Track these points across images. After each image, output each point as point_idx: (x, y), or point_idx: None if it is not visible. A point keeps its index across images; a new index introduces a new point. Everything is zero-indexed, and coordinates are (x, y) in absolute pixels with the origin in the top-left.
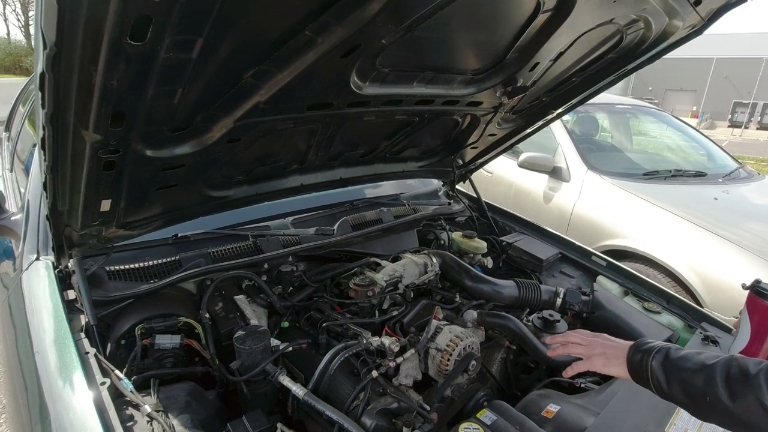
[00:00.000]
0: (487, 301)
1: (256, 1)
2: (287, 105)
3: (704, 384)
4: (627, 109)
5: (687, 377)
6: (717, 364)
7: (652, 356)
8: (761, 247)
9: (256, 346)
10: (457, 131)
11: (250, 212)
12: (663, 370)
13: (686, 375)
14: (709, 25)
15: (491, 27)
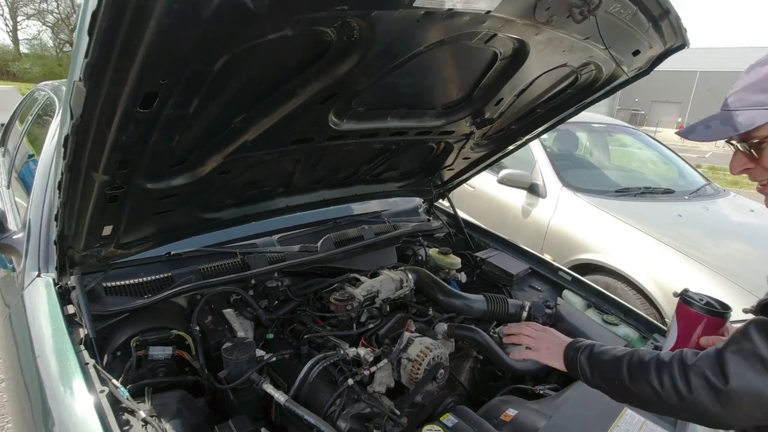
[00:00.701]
0: (458, 315)
1: (244, 66)
2: (272, 141)
3: (614, 371)
4: (604, 127)
5: (603, 367)
6: (624, 356)
7: (581, 352)
8: (715, 261)
9: (242, 357)
10: (432, 156)
11: (238, 230)
12: (588, 363)
13: (603, 365)
14: (653, 68)
15: (457, 71)
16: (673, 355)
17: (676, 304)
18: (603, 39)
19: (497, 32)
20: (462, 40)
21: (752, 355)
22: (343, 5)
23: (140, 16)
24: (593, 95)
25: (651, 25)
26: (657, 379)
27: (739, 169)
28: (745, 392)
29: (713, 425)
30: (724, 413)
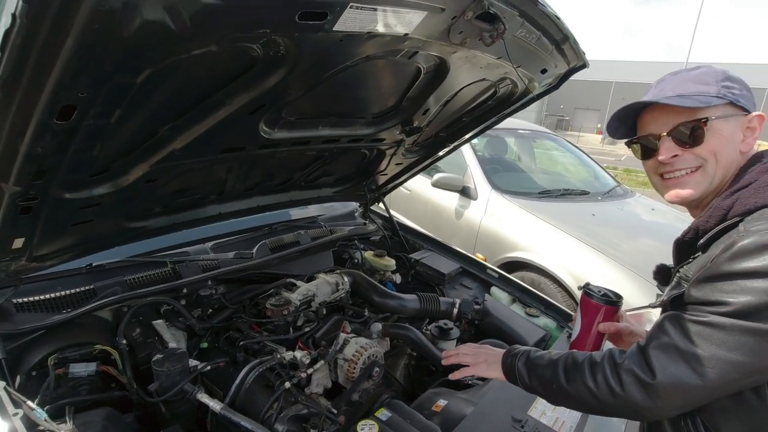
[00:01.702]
0: (393, 314)
1: (169, 78)
2: (202, 150)
3: (551, 375)
4: (529, 134)
5: (540, 371)
6: (559, 359)
7: (518, 359)
8: (623, 256)
9: (174, 368)
10: (366, 162)
11: (169, 239)
12: (525, 368)
13: (540, 370)
14: (560, 84)
15: (385, 83)
16: (604, 355)
17: (580, 297)
18: (512, 59)
19: (418, 50)
20: (386, 56)
21: (670, 348)
22: (265, 29)
23: (57, 34)
24: (512, 106)
25: (554, 47)
26: (592, 379)
27: (670, 154)
28: (669, 383)
29: (644, 418)
30: (654, 405)
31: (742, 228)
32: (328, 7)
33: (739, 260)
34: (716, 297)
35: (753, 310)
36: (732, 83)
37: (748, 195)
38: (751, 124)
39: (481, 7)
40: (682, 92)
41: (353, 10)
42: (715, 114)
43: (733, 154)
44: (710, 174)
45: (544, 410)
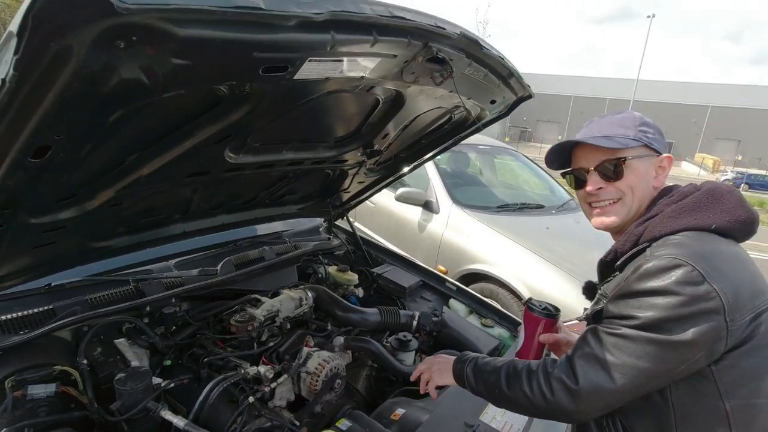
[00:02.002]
0: (355, 327)
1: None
2: (168, 176)
3: (494, 380)
4: (489, 149)
5: (486, 377)
6: (502, 366)
7: (467, 365)
8: (573, 267)
9: (137, 386)
10: (329, 180)
11: (133, 257)
12: (473, 373)
13: (485, 376)
14: (510, 112)
15: (346, 112)
16: (539, 364)
17: (524, 311)
18: (462, 93)
19: (375, 85)
20: (346, 91)
21: (591, 357)
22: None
23: (39, 91)
24: (467, 130)
25: (501, 82)
26: (528, 386)
27: (596, 186)
28: (590, 388)
29: (572, 421)
30: (578, 409)
31: (649, 252)
32: (288, 62)
33: (644, 281)
34: (627, 312)
35: (655, 323)
36: (647, 128)
37: (655, 224)
38: (661, 163)
39: (431, 53)
40: (607, 134)
41: (312, 63)
42: (632, 154)
43: (646, 189)
44: (628, 205)
45: (495, 415)
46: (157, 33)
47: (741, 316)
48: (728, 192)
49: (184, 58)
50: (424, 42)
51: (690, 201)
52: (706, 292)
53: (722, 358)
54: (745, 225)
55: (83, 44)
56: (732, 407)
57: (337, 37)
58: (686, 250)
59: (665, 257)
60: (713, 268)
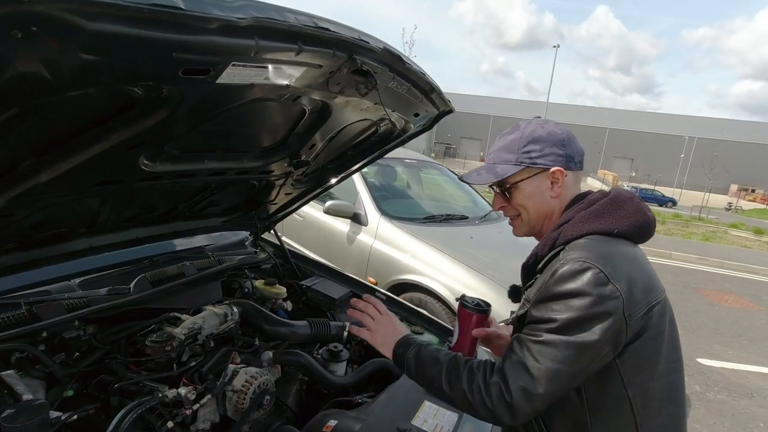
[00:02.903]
0: (284, 341)
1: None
2: (72, 184)
3: (435, 374)
4: (415, 163)
5: (426, 369)
6: (444, 361)
7: (409, 350)
8: (494, 273)
9: (30, 422)
10: (254, 192)
11: (25, 276)
12: (414, 361)
13: (426, 368)
14: (433, 125)
15: (271, 121)
16: (481, 366)
17: (458, 307)
18: (386, 105)
19: (301, 95)
20: (271, 99)
21: (519, 364)
22: (147, 81)
23: None
24: (392, 142)
25: (423, 96)
26: (468, 388)
27: (498, 206)
28: (520, 393)
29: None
30: (510, 412)
31: (562, 256)
32: (210, 65)
33: (560, 284)
34: (548, 315)
35: (572, 323)
36: (534, 146)
37: (567, 229)
38: (554, 176)
39: (355, 65)
40: (495, 160)
41: (235, 67)
42: (515, 179)
43: (542, 203)
44: (526, 220)
45: (426, 419)
46: (63, 25)
47: (637, 311)
48: (629, 199)
49: (94, 54)
50: (349, 54)
51: (596, 208)
52: (611, 292)
53: (624, 350)
54: (642, 229)
55: None
56: (633, 393)
57: (261, 43)
58: (592, 253)
59: (576, 261)
60: (614, 270)
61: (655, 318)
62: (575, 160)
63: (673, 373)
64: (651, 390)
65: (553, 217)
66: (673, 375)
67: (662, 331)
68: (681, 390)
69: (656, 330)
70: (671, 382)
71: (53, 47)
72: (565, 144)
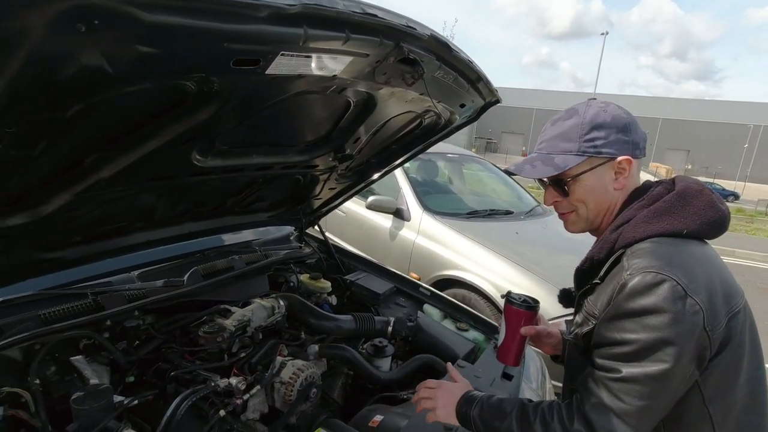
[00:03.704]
0: (329, 335)
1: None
2: (131, 179)
3: (507, 429)
4: (457, 157)
5: (495, 424)
6: (513, 412)
7: (473, 407)
8: (543, 270)
9: (97, 405)
10: (299, 187)
11: (91, 268)
12: (480, 419)
13: (494, 422)
14: (479, 116)
15: (316, 114)
16: (554, 413)
17: (504, 304)
18: (432, 96)
19: (347, 86)
20: (317, 91)
21: (603, 408)
22: (200, 73)
23: None
24: (437, 135)
25: (470, 86)
26: None
27: (551, 201)
28: None
29: None
30: None
31: (626, 262)
32: (260, 55)
33: (633, 299)
34: (621, 336)
35: (651, 346)
36: (598, 132)
37: (628, 230)
38: (620, 166)
39: (402, 53)
40: (551, 150)
41: (284, 57)
42: (576, 171)
43: (603, 196)
44: (583, 216)
45: None
46: (122, 17)
47: (719, 323)
48: (699, 192)
49: (150, 45)
50: (396, 42)
51: (661, 205)
52: (691, 306)
53: (707, 366)
54: (715, 225)
55: (40, 25)
56: (713, 410)
57: (310, 32)
58: (663, 260)
59: (648, 271)
60: (691, 279)
61: (738, 326)
62: (640, 147)
63: (755, 381)
64: (732, 404)
65: (614, 210)
66: (755, 384)
67: (744, 341)
68: (763, 401)
69: (738, 339)
70: (754, 392)
71: (113, 40)
72: (630, 129)
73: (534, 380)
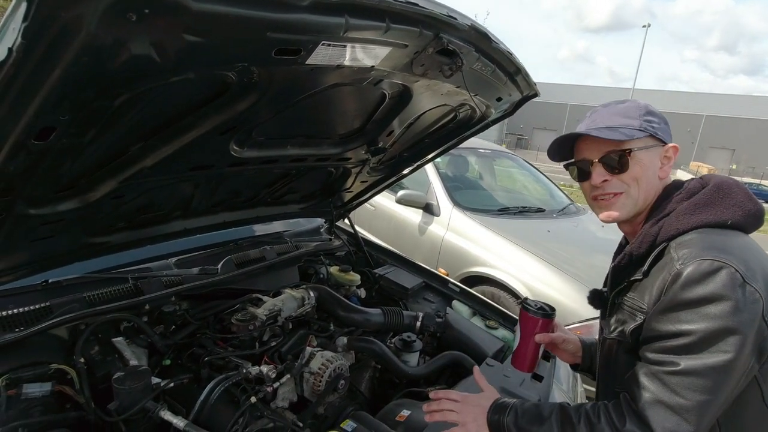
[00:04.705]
0: (358, 328)
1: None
2: (172, 168)
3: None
4: (489, 153)
5: (536, 431)
6: (552, 416)
7: (507, 414)
8: (575, 269)
9: (136, 386)
10: (331, 179)
11: (132, 254)
12: (516, 425)
13: (535, 429)
14: (515, 111)
15: (351, 107)
16: (600, 414)
17: (519, 311)
18: (469, 89)
19: (383, 78)
20: (353, 83)
21: (659, 404)
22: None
23: (46, 65)
24: (471, 129)
25: (508, 79)
26: None
27: (600, 179)
28: None
29: None
30: None
31: (674, 254)
32: (301, 45)
33: (690, 288)
34: (678, 328)
35: (712, 336)
36: (653, 117)
37: (671, 222)
38: (667, 153)
39: (441, 44)
40: (610, 124)
41: (324, 47)
42: (637, 145)
43: (652, 180)
44: (634, 197)
45: None
46: (171, 6)
47: None
48: (735, 185)
49: (196, 34)
50: (435, 33)
51: (702, 197)
52: (751, 294)
53: (766, 359)
54: (755, 217)
55: (94, 14)
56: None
57: (351, 21)
58: (716, 248)
59: (703, 259)
60: (747, 267)
61: None
62: None
63: None
64: None
65: (648, 202)
66: None
67: None
68: None
69: None
70: None
71: (162, 29)
72: (668, 125)
73: (564, 382)
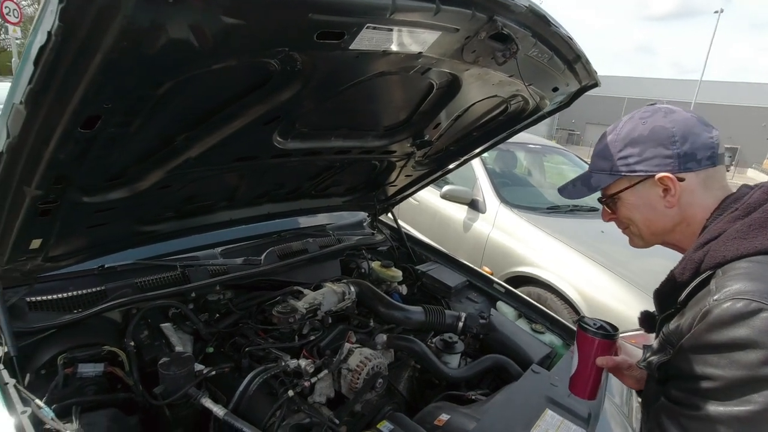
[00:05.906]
0: (398, 326)
1: (188, 90)
2: (216, 158)
3: None
4: (539, 148)
5: None
6: None
7: None
8: (631, 274)
9: (180, 371)
10: (375, 173)
11: (180, 243)
12: None
13: None
14: (572, 102)
15: (397, 97)
16: None
17: (576, 330)
18: (523, 78)
19: (431, 66)
20: (400, 72)
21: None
22: (283, 47)
23: (87, 51)
24: (522, 122)
25: (566, 67)
26: None
27: (607, 217)
28: None
29: None
30: None
31: (714, 285)
32: (345, 28)
33: (719, 330)
34: (703, 371)
35: (740, 385)
36: (632, 149)
37: (717, 247)
38: (663, 183)
39: (495, 28)
40: (591, 168)
41: (369, 30)
42: (612, 191)
43: (654, 215)
44: (636, 234)
45: (547, 428)
46: None
47: None
48: None
49: (235, 16)
50: (489, 15)
51: (761, 215)
52: None
53: None
54: None
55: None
56: None
57: (398, 2)
58: (763, 284)
59: (740, 298)
60: None
61: None
62: (698, 157)
63: None
64: None
65: (689, 226)
66: None
67: None
68: None
69: None
70: None
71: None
72: (677, 140)
73: (617, 395)
